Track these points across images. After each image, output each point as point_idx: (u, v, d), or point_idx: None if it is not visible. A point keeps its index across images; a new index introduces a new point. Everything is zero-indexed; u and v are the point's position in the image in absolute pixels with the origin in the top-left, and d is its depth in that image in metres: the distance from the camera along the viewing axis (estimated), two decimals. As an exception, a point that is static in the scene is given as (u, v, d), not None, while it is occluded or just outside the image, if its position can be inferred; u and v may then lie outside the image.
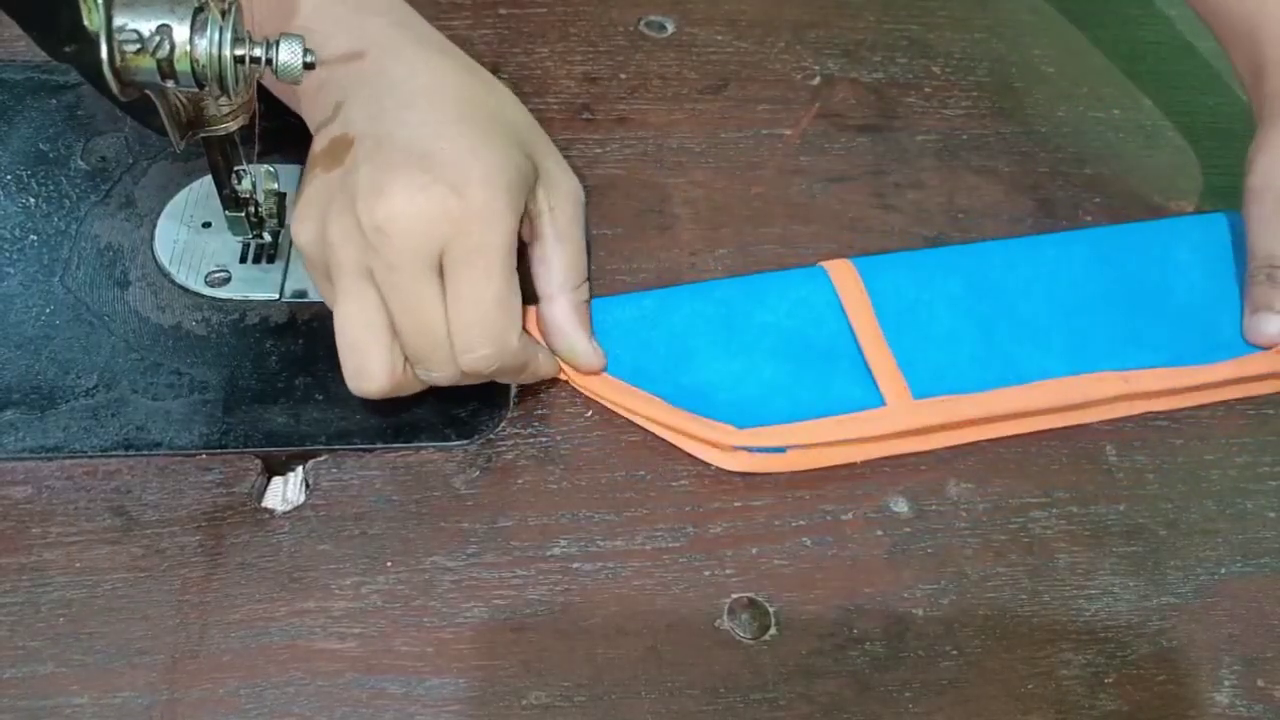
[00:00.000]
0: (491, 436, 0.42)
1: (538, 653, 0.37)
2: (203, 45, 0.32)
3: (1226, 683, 0.38)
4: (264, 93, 0.42)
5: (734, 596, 0.39)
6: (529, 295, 0.40)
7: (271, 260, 0.45)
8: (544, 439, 0.42)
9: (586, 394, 0.43)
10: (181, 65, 0.32)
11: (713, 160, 0.52)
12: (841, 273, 0.46)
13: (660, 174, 0.51)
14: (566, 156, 0.52)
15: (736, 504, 0.41)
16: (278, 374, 0.42)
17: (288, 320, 0.44)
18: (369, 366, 0.37)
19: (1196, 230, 0.51)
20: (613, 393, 0.43)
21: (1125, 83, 0.60)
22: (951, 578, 0.40)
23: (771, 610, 0.38)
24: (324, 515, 0.39)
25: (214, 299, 0.44)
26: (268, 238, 0.45)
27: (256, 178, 0.41)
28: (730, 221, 0.50)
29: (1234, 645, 0.39)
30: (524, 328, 0.39)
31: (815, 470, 0.42)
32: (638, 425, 0.42)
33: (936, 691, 0.37)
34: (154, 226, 0.46)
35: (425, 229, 0.36)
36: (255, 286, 0.44)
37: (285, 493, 0.39)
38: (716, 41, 0.58)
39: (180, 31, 0.31)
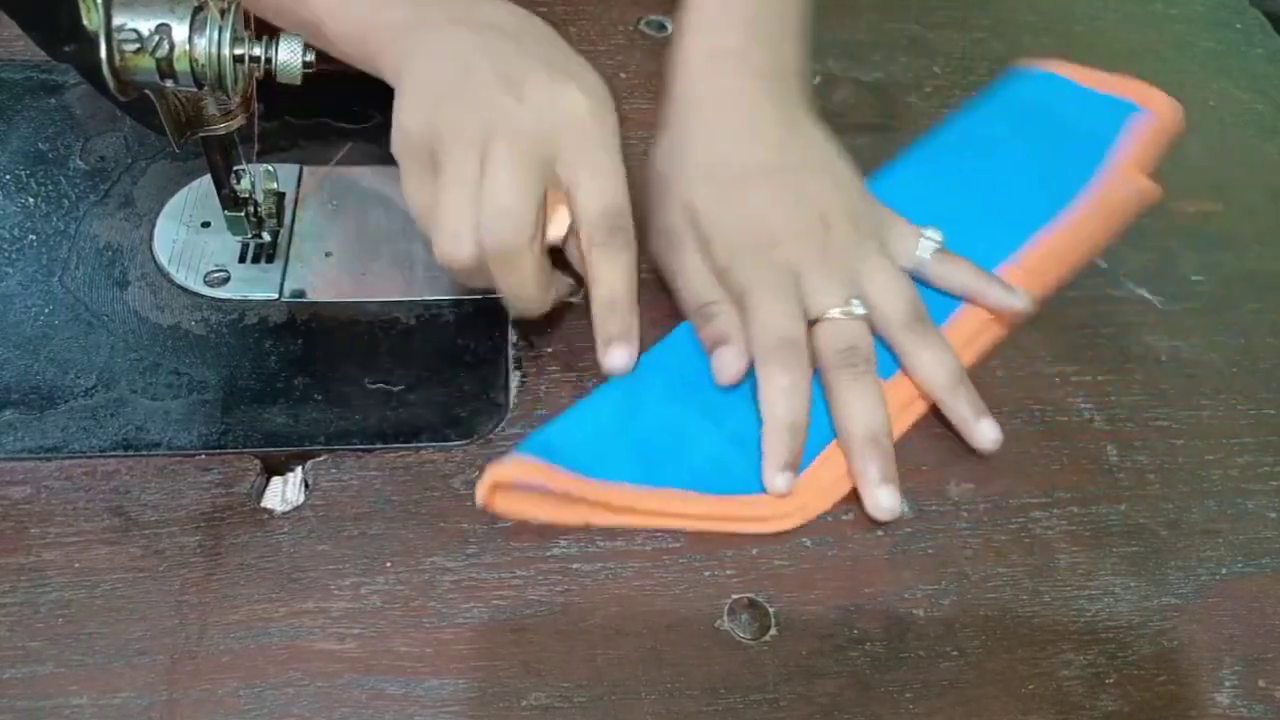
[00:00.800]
0: (491, 436, 0.42)
1: (538, 653, 0.36)
2: (202, 45, 0.32)
3: (1227, 683, 0.38)
4: (263, 93, 0.42)
5: (734, 597, 0.39)
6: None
7: (271, 260, 0.45)
8: (544, 439, 0.42)
9: (607, 519, 0.40)
10: (181, 65, 0.32)
11: (713, 160, 0.52)
12: None
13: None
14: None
15: (737, 504, 0.41)
16: (277, 374, 0.42)
17: (287, 320, 0.44)
18: (464, 231, 0.39)
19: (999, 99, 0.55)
20: (629, 500, 0.39)
21: (1125, 83, 0.60)
22: (952, 578, 0.40)
23: (771, 610, 0.38)
24: (323, 515, 0.39)
25: (213, 299, 0.44)
26: (267, 237, 0.45)
27: (256, 177, 0.42)
28: (730, 221, 0.50)
29: (1235, 645, 0.39)
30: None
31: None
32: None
33: (937, 692, 0.37)
34: (153, 226, 0.46)
35: (587, 119, 0.40)
36: (254, 286, 0.44)
37: (285, 493, 0.39)
38: (716, 41, 0.58)
39: (179, 31, 0.31)
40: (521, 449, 0.39)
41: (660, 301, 0.46)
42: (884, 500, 0.40)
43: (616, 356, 0.41)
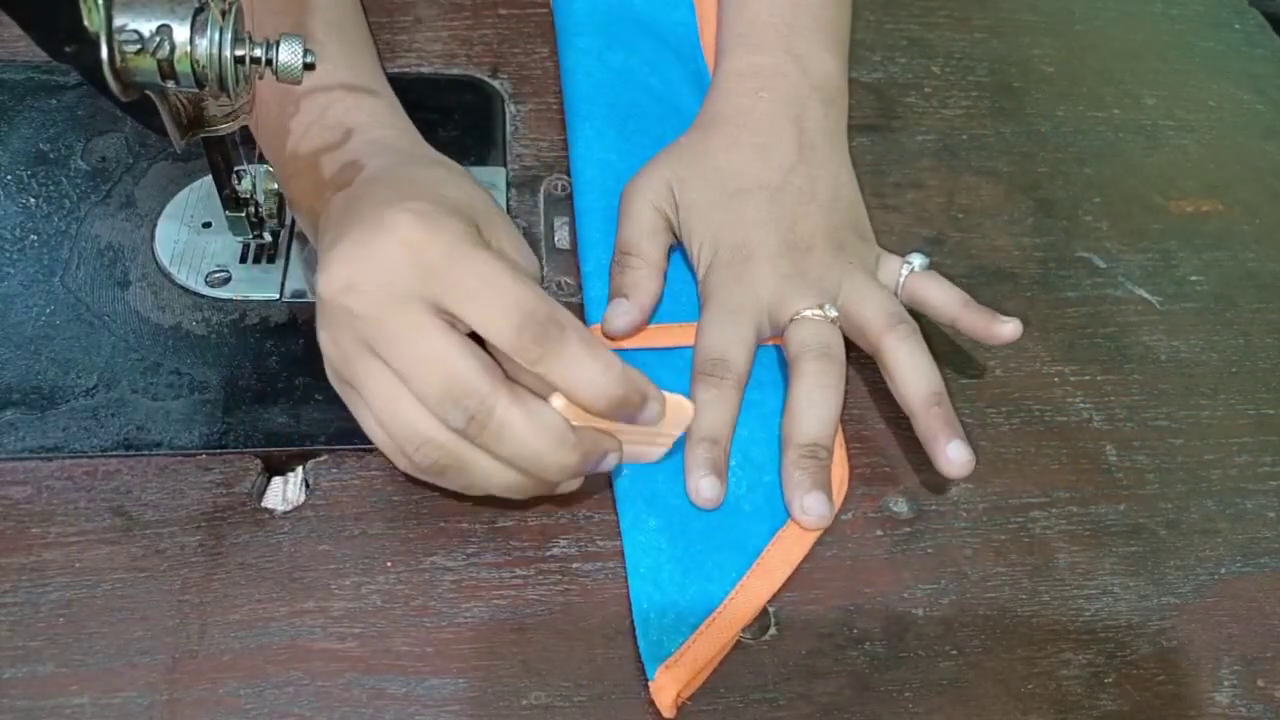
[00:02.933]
0: (491, 436, 0.42)
1: (538, 652, 0.37)
2: (203, 46, 0.32)
3: (1226, 683, 0.38)
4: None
5: (734, 596, 0.39)
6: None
7: (271, 260, 0.45)
8: (544, 439, 0.42)
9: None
10: (182, 66, 0.32)
11: (713, 160, 0.52)
12: None
13: (660, 174, 0.51)
14: (566, 157, 0.52)
15: (736, 504, 0.41)
16: (278, 374, 0.42)
17: (288, 320, 0.44)
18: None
19: None
20: (757, 591, 0.39)
21: (1125, 83, 0.60)
22: (951, 578, 0.40)
23: (771, 610, 0.38)
24: (324, 515, 0.39)
25: (214, 299, 0.44)
26: (268, 238, 0.45)
27: (256, 178, 0.42)
28: (730, 221, 0.50)
29: (1234, 645, 0.39)
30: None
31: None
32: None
33: (936, 691, 0.37)
34: (154, 226, 0.46)
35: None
36: (255, 286, 0.44)
37: (285, 493, 0.39)
38: (716, 41, 0.58)
39: (180, 32, 0.31)
40: (653, 659, 0.36)
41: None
42: (811, 506, 0.39)
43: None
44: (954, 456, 0.39)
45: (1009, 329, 0.42)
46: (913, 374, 0.41)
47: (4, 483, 0.38)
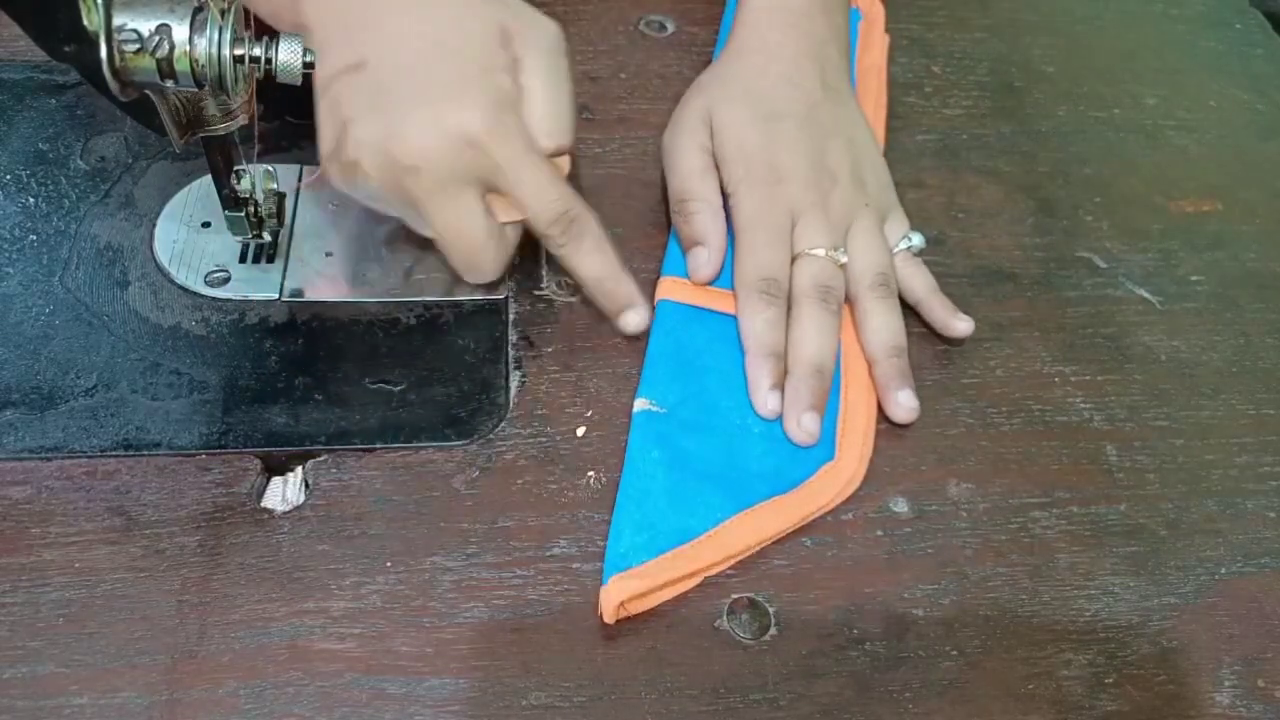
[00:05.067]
0: (491, 436, 0.42)
1: (538, 653, 0.37)
2: (202, 45, 0.32)
3: (1227, 683, 0.38)
4: (263, 93, 0.42)
5: (734, 596, 0.39)
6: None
7: (271, 260, 0.45)
8: (544, 439, 0.42)
9: (723, 565, 0.39)
10: (181, 65, 0.32)
11: (713, 160, 0.52)
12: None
13: (660, 174, 0.51)
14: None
15: (736, 504, 0.41)
16: (277, 374, 0.42)
17: (287, 320, 0.44)
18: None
19: None
20: (736, 538, 0.39)
21: (1125, 83, 0.60)
22: (951, 578, 0.40)
23: (771, 610, 0.38)
24: (324, 515, 0.39)
25: (213, 299, 0.44)
26: (267, 237, 0.45)
27: (256, 178, 0.42)
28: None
29: (1234, 645, 0.39)
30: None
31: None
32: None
33: (936, 692, 0.37)
34: (153, 226, 0.46)
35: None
36: (255, 286, 0.44)
37: (285, 493, 0.39)
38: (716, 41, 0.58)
39: (180, 31, 0.31)
40: (612, 569, 0.37)
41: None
42: (806, 424, 0.42)
43: (631, 319, 0.44)
44: (903, 401, 0.44)
45: (963, 325, 0.46)
46: (881, 328, 0.45)
47: (3, 483, 0.38)
